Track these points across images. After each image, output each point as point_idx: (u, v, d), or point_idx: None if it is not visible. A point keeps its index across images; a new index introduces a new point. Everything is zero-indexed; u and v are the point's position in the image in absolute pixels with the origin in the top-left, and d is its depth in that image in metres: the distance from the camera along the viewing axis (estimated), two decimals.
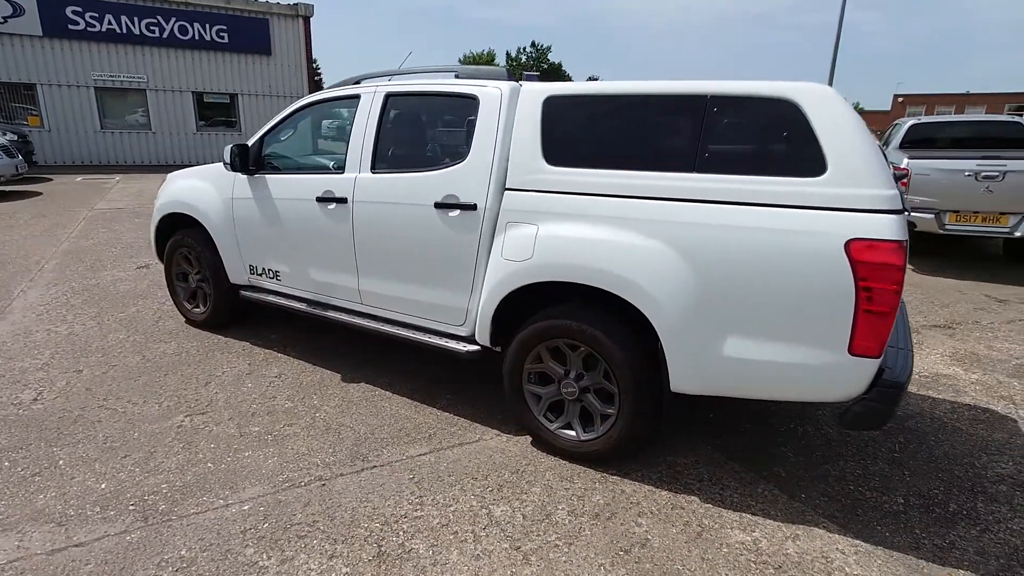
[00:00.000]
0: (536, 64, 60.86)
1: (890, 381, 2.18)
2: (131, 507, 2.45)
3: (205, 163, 5.09)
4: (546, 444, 2.90)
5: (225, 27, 17.47)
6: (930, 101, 40.88)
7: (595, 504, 2.51)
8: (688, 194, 2.37)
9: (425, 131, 3.46)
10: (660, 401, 2.61)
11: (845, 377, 2.18)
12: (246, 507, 2.47)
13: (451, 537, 2.30)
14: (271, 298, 3.96)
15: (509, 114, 2.85)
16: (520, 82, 2.98)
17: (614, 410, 2.66)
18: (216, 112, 18.37)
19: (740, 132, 2.36)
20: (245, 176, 3.87)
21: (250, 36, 17.80)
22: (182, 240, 4.31)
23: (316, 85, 19.04)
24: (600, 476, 2.71)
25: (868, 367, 2.14)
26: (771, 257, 2.21)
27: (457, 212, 2.94)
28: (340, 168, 3.44)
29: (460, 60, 59.91)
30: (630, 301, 2.45)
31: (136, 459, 2.78)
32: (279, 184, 3.70)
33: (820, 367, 2.21)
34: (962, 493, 2.65)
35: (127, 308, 4.90)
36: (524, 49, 61.87)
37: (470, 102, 2.99)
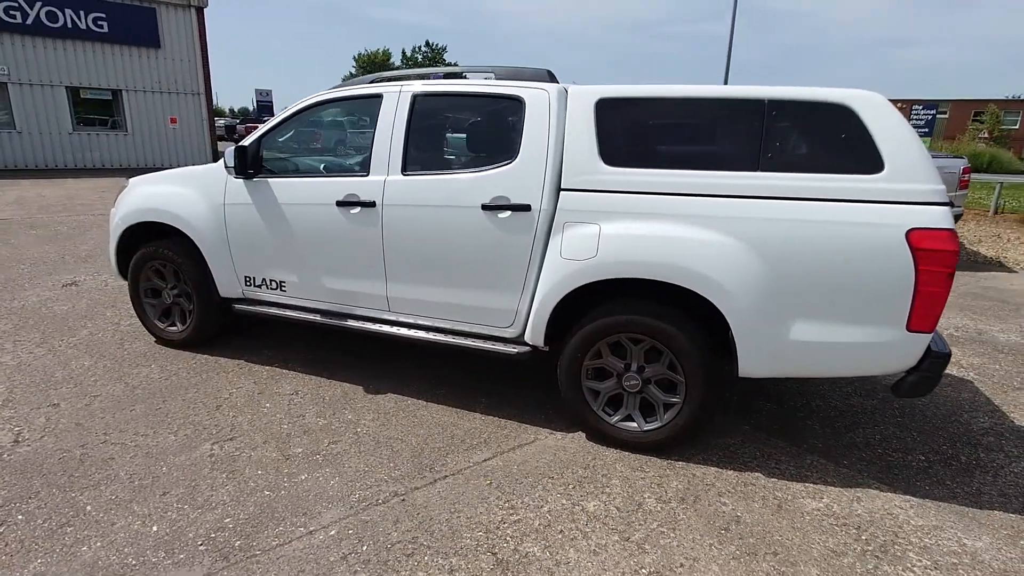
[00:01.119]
0: (432, 64, 60.39)
1: (939, 352, 2.49)
2: (201, 547, 2.22)
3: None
4: (603, 437, 2.97)
5: (104, 15, 15.70)
6: None
7: (676, 490, 2.63)
8: (754, 191, 2.55)
9: (462, 132, 3.39)
10: (722, 387, 2.77)
11: (902, 352, 2.46)
12: (332, 532, 2.32)
13: (560, 536, 2.32)
14: (272, 311, 3.69)
15: (560, 116, 2.89)
16: (557, 83, 3.02)
17: (679, 399, 2.79)
18: (96, 110, 16.47)
19: (799, 134, 2.57)
20: (240, 180, 3.58)
21: (135, 26, 16.14)
22: (156, 252, 3.89)
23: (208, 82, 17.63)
24: (667, 463, 2.83)
25: (922, 341, 2.43)
26: (836, 247, 2.44)
27: (508, 214, 2.93)
28: (363, 170, 3.29)
29: (354, 58, 58.04)
30: (701, 294, 2.59)
31: (179, 495, 2.51)
32: (286, 188, 3.46)
33: (880, 344, 2.47)
34: (965, 446, 3.06)
35: (77, 331, 4.33)
36: (419, 48, 61.16)
37: (514, 103, 2.99)
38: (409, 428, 3.11)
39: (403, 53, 60.98)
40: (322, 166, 3.79)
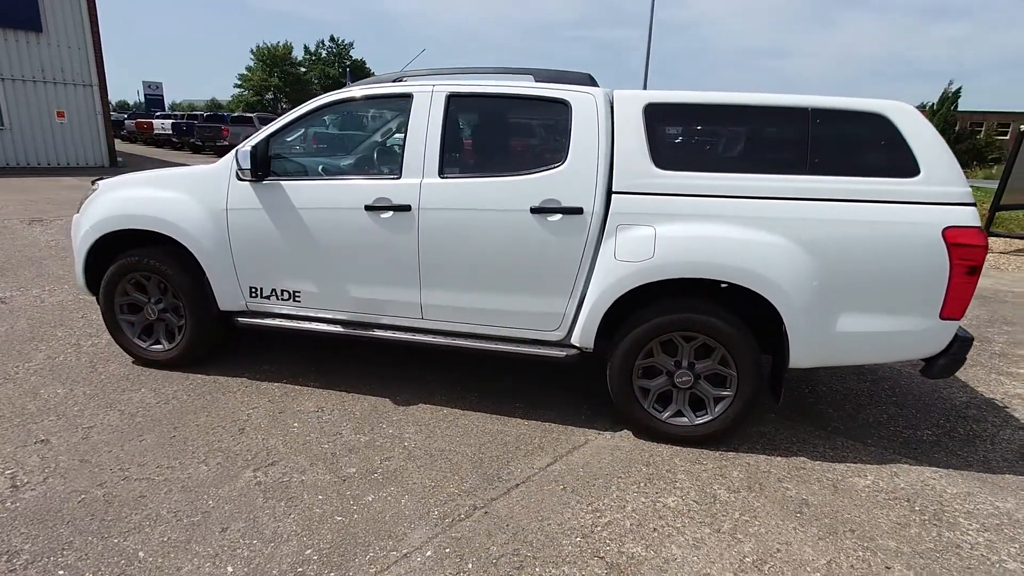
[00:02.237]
0: (338, 60, 58.37)
1: (964, 337, 2.78)
2: None
3: None
4: (653, 434, 3.04)
5: None
6: None
7: (739, 479, 2.74)
8: (803, 193, 2.71)
9: (501, 135, 3.32)
10: (769, 379, 2.93)
11: (935, 337, 2.73)
12: (428, 552, 2.21)
13: (656, 534, 2.35)
14: (284, 323, 3.44)
15: (607, 119, 2.92)
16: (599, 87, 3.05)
17: (730, 392, 2.91)
18: None
19: (841, 140, 2.76)
20: (245, 183, 3.30)
21: (9, 6, 14.26)
22: (138, 263, 3.49)
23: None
24: (719, 455, 2.95)
25: (952, 328, 2.71)
26: (878, 244, 2.65)
27: (558, 217, 2.92)
28: (394, 173, 3.14)
29: (252, 51, 54.84)
30: (758, 292, 2.72)
31: (241, 530, 2.29)
32: (304, 191, 3.23)
33: (916, 332, 2.72)
34: (958, 419, 3.43)
35: (31, 356, 3.79)
36: (324, 43, 58.89)
37: (560, 106, 2.98)
38: (457, 438, 3.02)
39: (304, 48, 58.43)
40: (344, 167, 3.58)
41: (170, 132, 25.49)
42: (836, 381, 3.91)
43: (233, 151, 3.33)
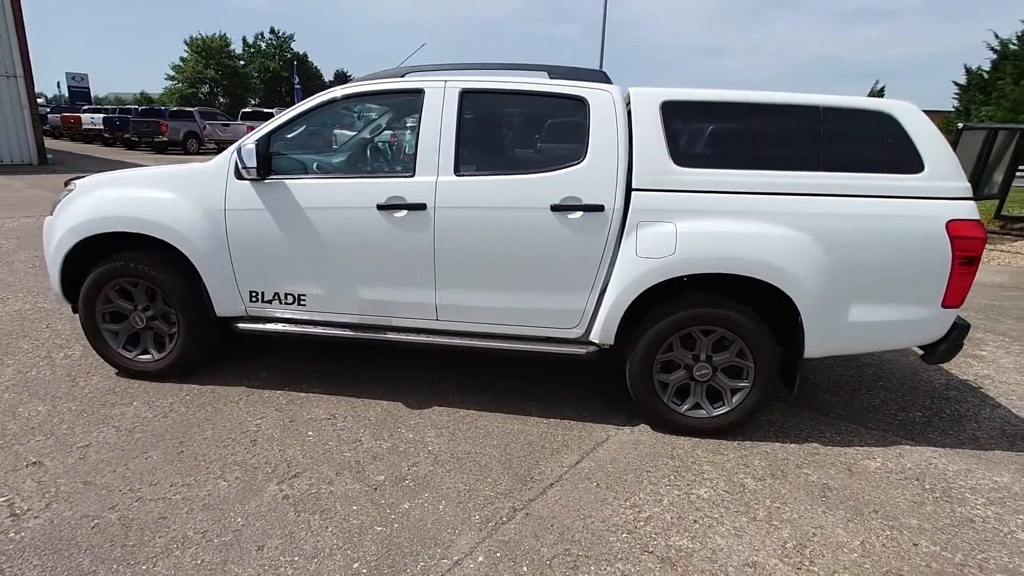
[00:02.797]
0: (279, 52, 56.40)
1: (963, 324, 2.96)
2: None
3: None
4: (671, 426, 3.10)
5: None
6: None
7: (761, 468, 2.83)
8: (816, 189, 2.81)
9: (516, 132, 3.27)
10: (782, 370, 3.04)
11: (936, 325, 2.89)
12: (480, 558, 2.18)
13: (696, 525, 2.40)
14: (288, 328, 3.30)
15: (624, 116, 2.94)
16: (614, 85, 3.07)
17: (747, 383, 3.00)
18: None
19: (850, 138, 2.88)
20: (245, 182, 3.14)
21: None
22: (124, 268, 3.26)
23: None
24: (736, 445, 3.03)
25: (952, 315, 2.88)
26: (886, 237, 2.78)
27: (579, 214, 2.92)
28: (407, 170, 3.06)
29: (185, 42, 52.25)
30: (776, 285, 2.81)
31: (280, 547, 2.18)
32: (310, 191, 3.11)
33: (919, 320, 2.87)
34: (942, 400, 3.65)
35: None
36: (263, 35, 56.77)
37: (576, 103, 2.98)
38: (480, 440, 2.98)
39: (243, 40, 56.22)
40: (352, 166, 3.44)
41: (101, 127, 23.96)
42: (825, 368, 4.09)
43: (231, 149, 3.16)
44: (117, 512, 2.33)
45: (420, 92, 3.08)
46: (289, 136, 3.30)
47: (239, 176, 3.15)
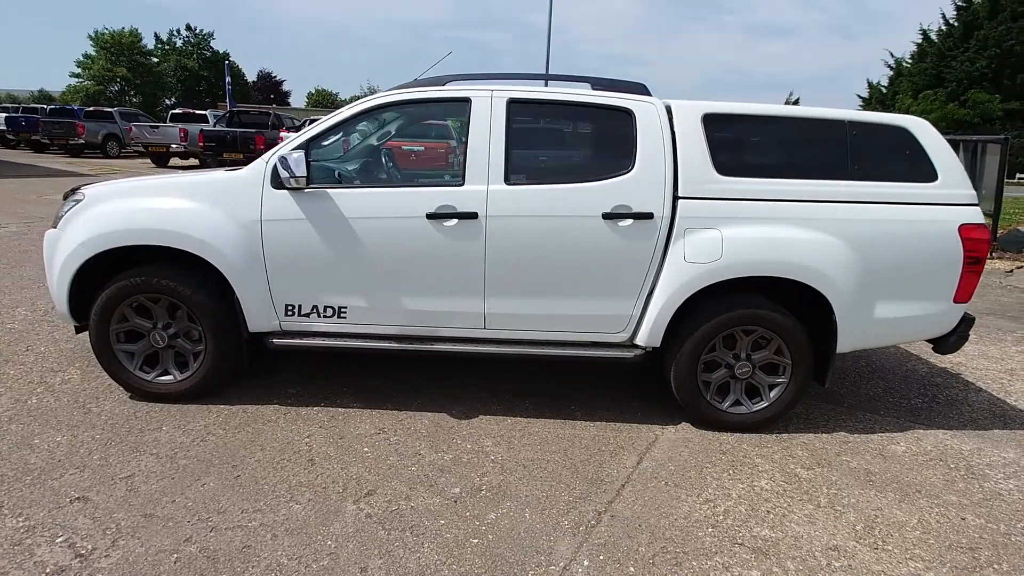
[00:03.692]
0: (197, 51, 53.52)
1: (969, 317, 3.27)
2: None
3: None
4: (713, 423, 3.24)
5: None
6: None
7: (806, 458, 3.01)
8: (845, 196, 3.04)
9: (563, 141, 3.30)
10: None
11: (947, 319, 3.18)
12: (585, 563, 2.21)
13: (771, 515, 2.53)
14: (326, 342, 3.19)
15: (669, 128, 3.06)
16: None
17: (784, 379, 3.18)
18: None
19: (873, 149, 3.12)
20: (284, 192, 3.02)
21: None
22: (146, 283, 3.05)
23: None
24: (775, 438, 3.21)
25: (961, 310, 3.18)
26: (908, 240, 3.04)
27: (629, 222, 3.01)
28: (457, 179, 3.05)
29: (90, 37, 48.63)
30: (814, 286, 3.01)
31: (382, 567, 2.13)
32: (355, 200, 3.03)
33: (934, 315, 3.16)
34: (934, 387, 4.01)
35: None
36: (178, 32, 53.69)
37: (622, 115, 3.07)
38: (538, 446, 3.01)
39: (155, 36, 52.99)
40: (396, 175, 3.37)
41: (3, 127, 21.88)
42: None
43: (267, 157, 3.04)
44: (195, 544, 2.18)
45: (467, 101, 3.08)
46: (324, 144, 3.20)
47: (277, 185, 3.03)
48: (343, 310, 3.16)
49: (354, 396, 3.43)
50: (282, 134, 14.14)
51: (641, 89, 3.19)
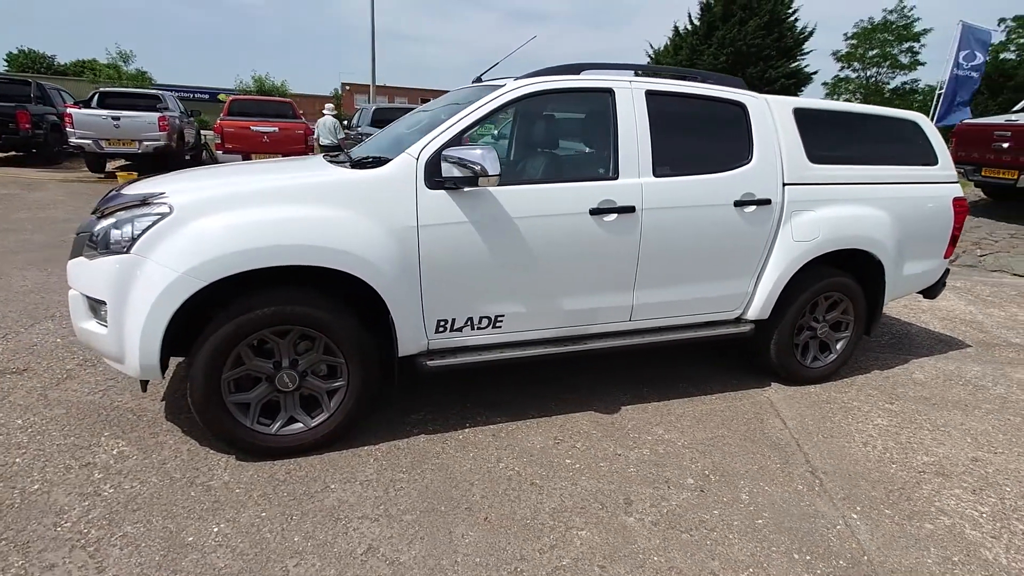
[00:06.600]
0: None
1: (947, 268, 4.23)
2: None
3: None
4: (798, 379, 3.72)
5: None
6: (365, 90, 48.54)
7: (882, 395, 3.66)
8: (887, 178, 3.70)
9: (689, 133, 3.30)
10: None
11: (939, 272, 4.10)
12: (853, 515, 2.48)
13: (913, 445, 3.07)
14: (479, 356, 2.90)
15: (774, 121, 3.38)
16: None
17: (848, 334, 3.80)
18: None
19: (899, 139, 3.82)
20: (441, 192, 2.65)
21: None
22: (278, 314, 2.42)
23: None
24: (846, 383, 3.82)
25: (946, 264, 4.12)
26: (925, 211, 3.84)
27: (753, 208, 3.28)
28: (609, 172, 2.98)
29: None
30: (873, 253, 3.63)
31: (719, 568, 2.13)
32: (517, 198, 2.78)
33: (932, 269, 4.04)
34: (884, 326, 5.07)
35: (88, 455, 2.23)
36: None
37: (735, 108, 3.30)
38: (699, 426, 3.16)
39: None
40: (553, 169, 3.07)
41: None
42: None
43: (413, 151, 2.62)
44: None
45: (610, 92, 3.01)
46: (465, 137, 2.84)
47: (433, 185, 2.63)
48: (499, 319, 2.90)
49: (487, 411, 3.17)
50: (69, 110, 11.20)
51: (740, 83, 3.44)
